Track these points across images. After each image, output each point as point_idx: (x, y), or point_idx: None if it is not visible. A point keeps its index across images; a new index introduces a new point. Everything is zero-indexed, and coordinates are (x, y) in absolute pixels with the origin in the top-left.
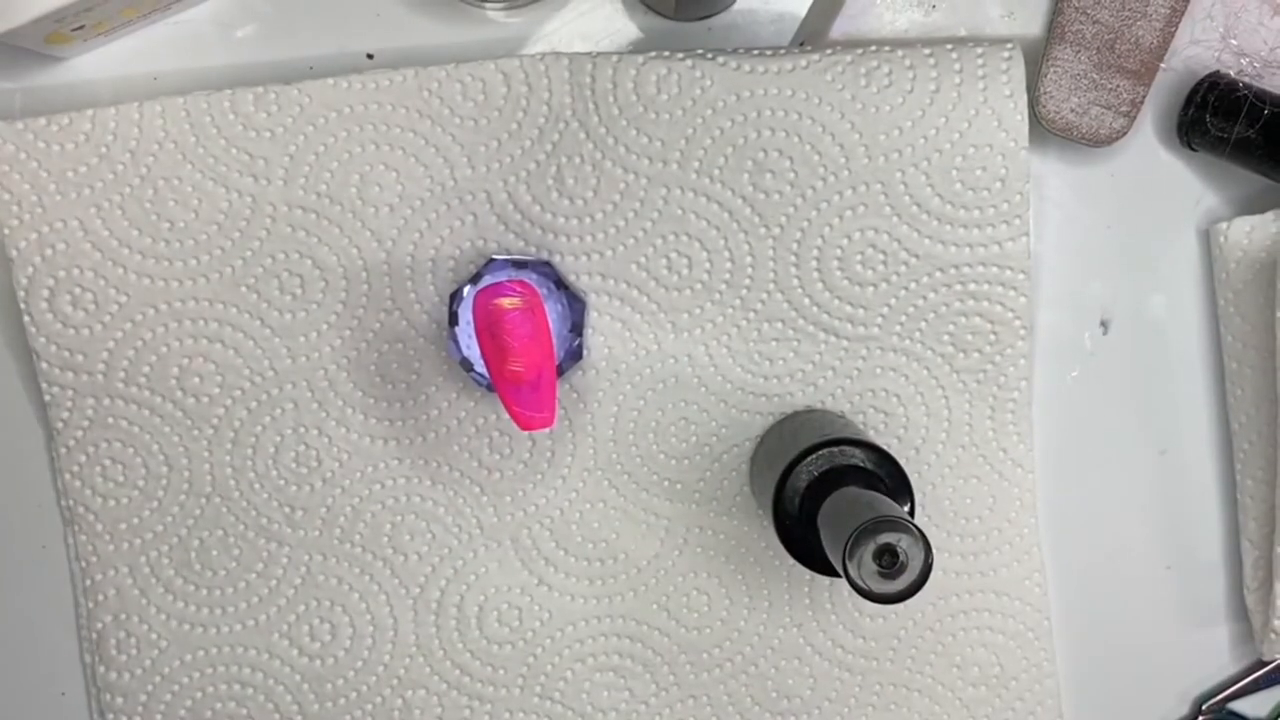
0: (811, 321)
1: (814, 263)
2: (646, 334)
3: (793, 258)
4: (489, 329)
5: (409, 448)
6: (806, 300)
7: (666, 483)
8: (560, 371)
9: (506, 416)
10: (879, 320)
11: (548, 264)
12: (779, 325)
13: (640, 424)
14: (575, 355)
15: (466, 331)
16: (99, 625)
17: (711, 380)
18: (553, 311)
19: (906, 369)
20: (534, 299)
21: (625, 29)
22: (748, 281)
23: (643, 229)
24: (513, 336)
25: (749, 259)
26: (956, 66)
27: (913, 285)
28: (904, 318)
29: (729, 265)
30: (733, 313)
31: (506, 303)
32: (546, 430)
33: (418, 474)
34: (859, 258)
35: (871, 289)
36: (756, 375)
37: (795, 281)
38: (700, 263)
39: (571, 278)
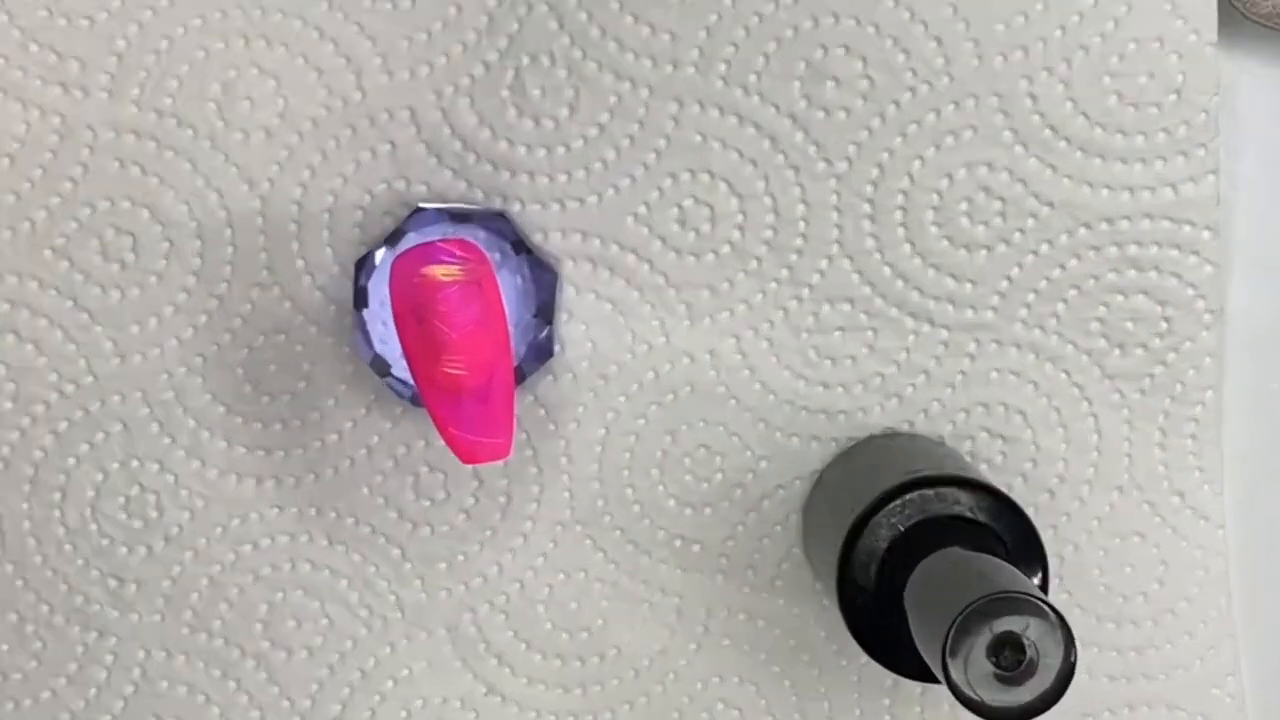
0: (894, 302)
1: (898, 214)
2: (648, 321)
3: (866, 207)
4: (415, 313)
5: (294, 491)
6: (886, 270)
7: (679, 542)
8: (520, 376)
9: (440, 443)
10: (995, 300)
11: (502, 216)
12: (845, 308)
13: (639, 455)
14: (542, 352)
15: (381, 317)
16: None
17: (745, 389)
18: (509, 286)
19: (1035, 373)
20: (481, 267)
21: None
22: (799, 242)
23: (643, 164)
24: (450, 323)
25: (801, 208)
26: None
27: (1044, 249)
28: (1032, 296)
29: (771, 218)
30: (777, 289)
31: (440, 273)
32: (499, 463)
33: (307, 529)
34: (965, 207)
35: (984, 254)
36: (813, 382)
37: (870, 243)
38: (728, 215)
39: (537, 237)
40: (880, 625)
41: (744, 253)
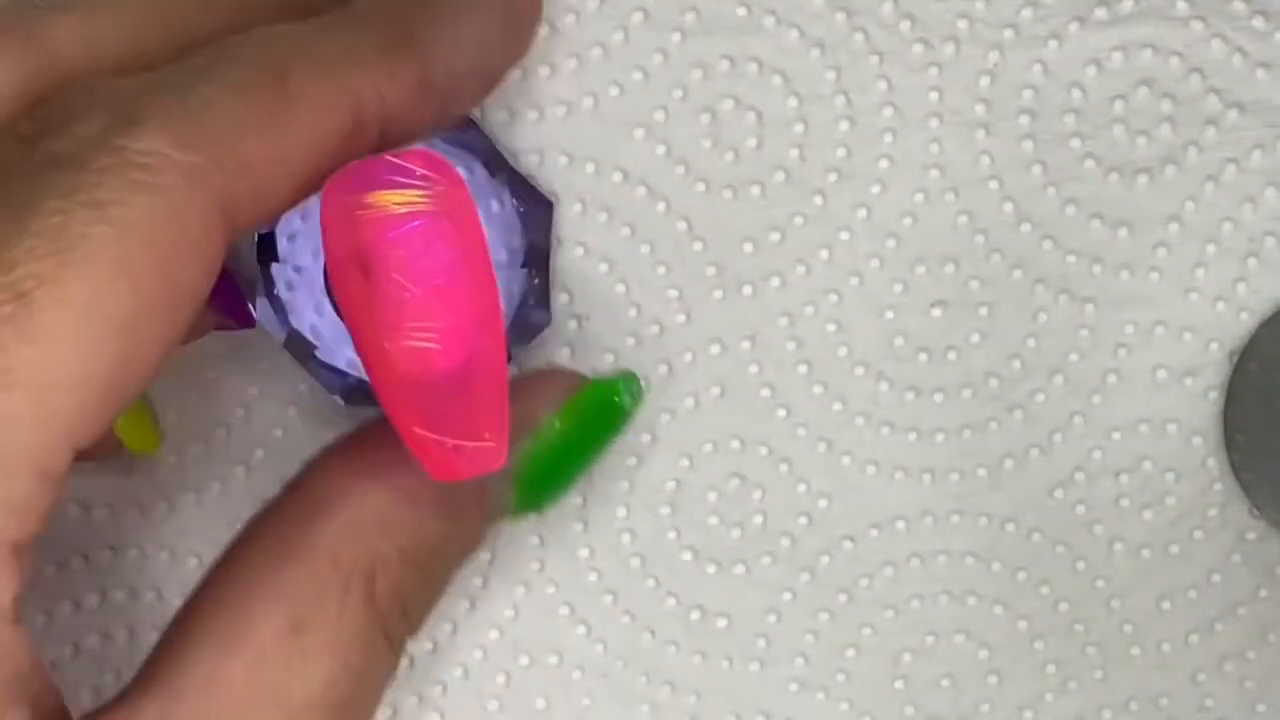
0: (1015, 261)
1: (1024, 121)
2: (660, 289)
3: (979, 110)
4: (358, 260)
5: (189, 527)
6: (1007, 207)
7: (696, 615)
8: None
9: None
10: (1159, 256)
11: (473, 125)
12: (948, 270)
13: (643, 486)
14: (530, 323)
15: (302, 271)
16: None
17: (800, 394)
18: (486, 225)
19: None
20: (454, 191)
21: None
22: (883, 167)
23: (659, 51)
24: (411, 274)
25: (888, 114)
26: None
27: (1229, 173)
28: (1211, 249)
29: (844, 129)
30: (849, 242)
31: (395, 201)
32: (492, 476)
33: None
34: (1118, 109)
35: (1144, 181)
36: (899, 385)
37: (985, 164)
38: (783, 124)
39: (530, 158)
40: None
41: (804, 184)
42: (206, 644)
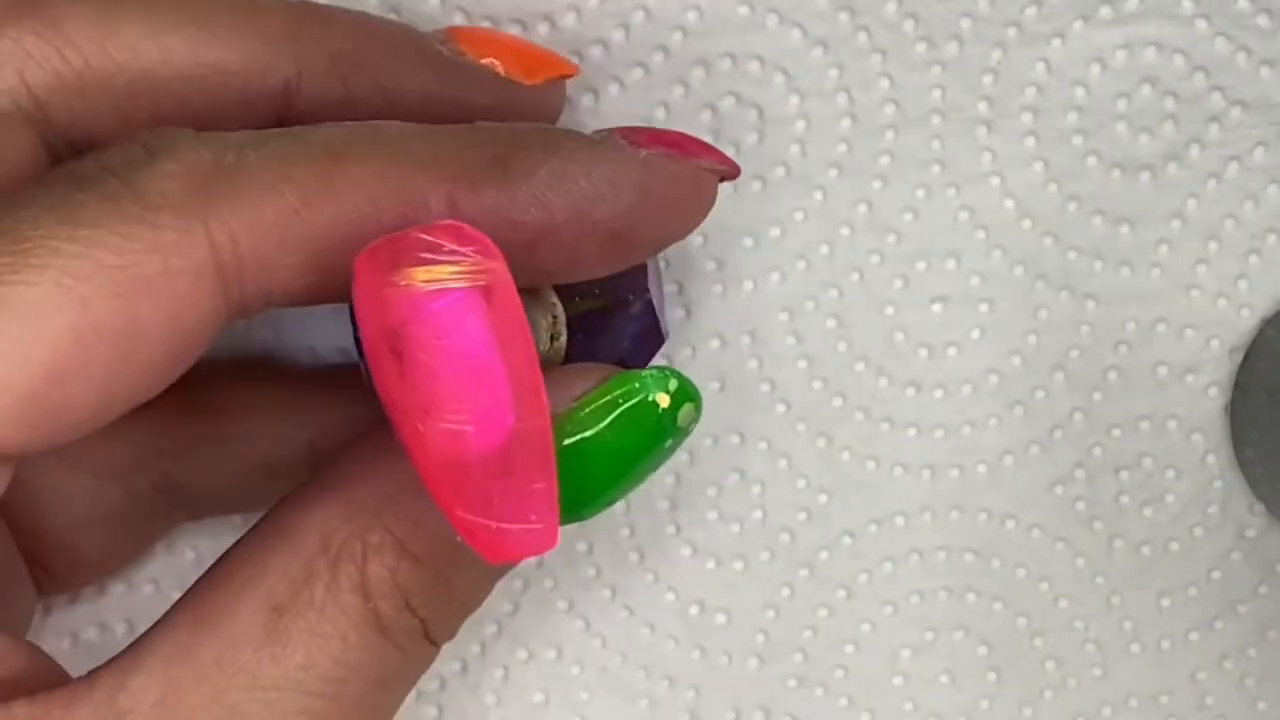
0: (1017, 257)
1: (1026, 119)
2: (675, 276)
3: (982, 108)
4: (389, 340)
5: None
6: (1009, 204)
7: (695, 610)
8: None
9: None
10: (1160, 253)
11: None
12: (949, 265)
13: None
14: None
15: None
16: None
17: (800, 389)
18: None
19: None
20: (489, 263)
21: None
22: (884, 163)
23: (661, 48)
24: (438, 354)
25: (889, 111)
26: None
27: (1232, 170)
28: (1213, 246)
29: (846, 126)
30: (850, 237)
31: (422, 277)
32: (543, 558)
33: None
34: (1122, 107)
35: (1146, 178)
36: (899, 382)
37: (986, 161)
38: (784, 120)
39: None
40: None
41: (805, 180)
42: (182, 620)
